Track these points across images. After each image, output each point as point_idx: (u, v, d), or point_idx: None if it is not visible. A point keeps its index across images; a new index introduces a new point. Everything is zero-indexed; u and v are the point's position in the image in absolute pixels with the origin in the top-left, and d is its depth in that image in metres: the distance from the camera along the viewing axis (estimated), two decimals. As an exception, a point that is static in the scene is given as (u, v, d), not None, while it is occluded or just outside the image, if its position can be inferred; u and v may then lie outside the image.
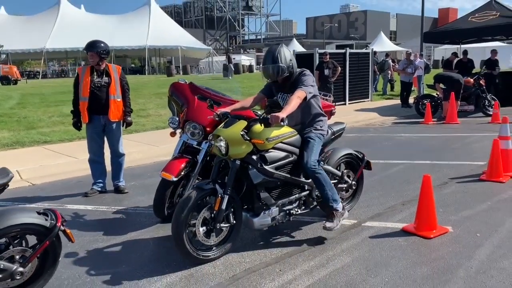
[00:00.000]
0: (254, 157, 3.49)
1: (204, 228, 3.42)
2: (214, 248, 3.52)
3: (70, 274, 3.34)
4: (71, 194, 5.58)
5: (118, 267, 3.48)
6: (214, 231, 3.45)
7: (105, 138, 5.55)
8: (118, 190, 5.60)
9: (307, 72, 3.73)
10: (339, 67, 13.20)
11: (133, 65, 50.25)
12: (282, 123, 3.31)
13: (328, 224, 3.72)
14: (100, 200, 5.31)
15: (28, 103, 13.82)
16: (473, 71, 13.18)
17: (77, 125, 5.48)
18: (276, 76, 3.68)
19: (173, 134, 4.75)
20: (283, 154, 3.65)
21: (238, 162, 3.46)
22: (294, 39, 56.22)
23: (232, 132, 3.43)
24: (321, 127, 3.85)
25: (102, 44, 5.33)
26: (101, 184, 5.61)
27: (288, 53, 3.68)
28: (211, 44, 70.52)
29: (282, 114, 3.31)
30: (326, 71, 12.68)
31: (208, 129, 4.32)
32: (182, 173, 4.27)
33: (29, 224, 2.85)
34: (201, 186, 3.44)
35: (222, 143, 3.46)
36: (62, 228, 2.96)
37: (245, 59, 47.41)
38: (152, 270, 3.40)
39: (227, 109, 3.78)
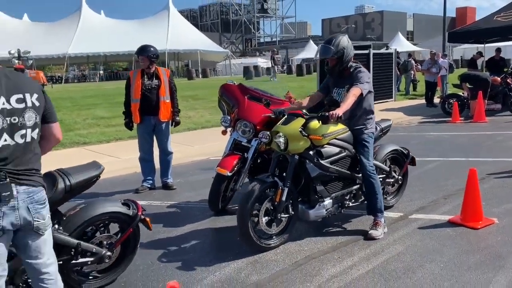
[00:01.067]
0: (311, 152, 3.74)
1: (266, 218, 3.68)
2: (274, 237, 3.77)
3: (143, 261, 3.62)
4: (122, 191, 5.89)
5: (185, 255, 3.76)
6: (275, 221, 3.71)
7: (155, 138, 5.85)
8: (166, 186, 5.89)
9: (363, 68, 3.96)
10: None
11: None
12: (338, 120, 3.55)
13: (374, 233, 3.91)
14: (152, 196, 5.60)
15: (61, 107, 14.29)
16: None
17: (128, 125, 5.79)
18: (322, 54, 3.93)
19: (224, 132, 5.02)
20: (337, 149, 3.89)
21: (296, 157, 3.71)
22: (311, 40, 56.37)
23: (291, 128, 3.68)
24: (370, 125, 4.06)
25: (152, 49, 5.65)
26: (151, 181, 5.91)
27: (344, 42, 3.89)
28: (227, 47, 71.01)
29: (339, 112, 3.54)
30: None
31: (258, 127, 4.57)
32: (235, 168, 4.54)
33: (116, 213, 3.14)
34: (263, 179, 3.69)
35: (281, 139, 3.71)
36: (142, 217, 3.25)
37: (262, 62, 47.67)
38: (217, 257, 3.66)
39: (284, 108, 4.04)
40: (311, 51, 49.92)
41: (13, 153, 2.16)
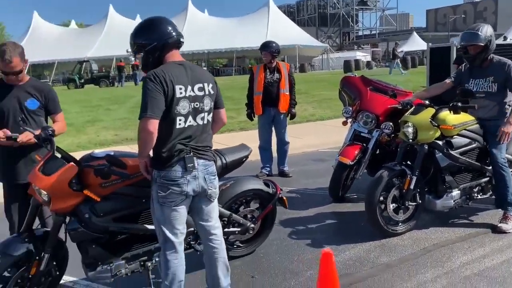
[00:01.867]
0: (440, 142, 3.79)
1: (394, 205, 3.82)
2: (400, 223, 3.90)
3: (275, 237, 3.98)
4: (244, 176, 6.37)
5: (313, 234, 4.06)
6: (402, 208, 3.84)
7: (273, 128, 6.24)
8: (283, 174, 6.26)
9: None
10: (480, 60, 12.52)
11: (250, 65, 52.61)
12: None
13: (503, 226, 3.84)
14: (271, 182, 5.99)
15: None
16: None
17: (250, 116, 6.25)
18: (469, 40, 3.87)
19: (345, 123, 5.20)
20: (467, 140, 3.89)
21: (426, 146, 3.79)
22: (415, 32, 53.58)
23: (421, 118, 3.77)
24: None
25: (274, 44, 6.03)
26: (268, 168, 6.32)
27: (490, 30, 3.89)
28: (324, 41, 70.38)
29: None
30: (466, 65, 12.14)
31: (381, 118, 4.69)
32: (357, 158, 4.71)
33: (259, 190, 3.53)
34: (392, 167, 3.84)
35: (410, 129, 3.81)
36: (280, 195, 3.60)
37: (361, 55, 46.54)
38: (344, 238, 3.89)
39: (410, 98, 4.13)
40: (414, 43, 47.54)
41: (195, 133, 2.61)
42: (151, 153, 2.61)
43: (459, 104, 3.64)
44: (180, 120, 2.54)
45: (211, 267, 2.83)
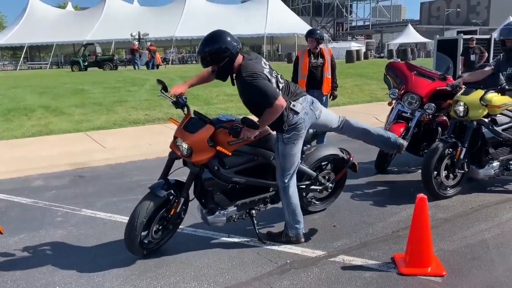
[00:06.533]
0: (486, 120, 4.43)
1: (445, 172, 4.47)
2: (449, 188, 4.56)
3: (340, 199, 4.56)
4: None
5: (372, 197, 4.71)
6: (451, 175, 4.49)
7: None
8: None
9: None
10: (486, 53, 13.23)
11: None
12: None
13: None
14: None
15: (192, 84, 16.02)
16: None
17: (295, 97, 6.82)
18: (507, 35, 4.69)
19: (390, 104, 5.82)
20: (508, 119, 4.55)
21: (474, 123, 4.43)
22: (410, 25, 54.32)
23: (472, 98, 4.40)
24: None
25: (318, 31, 6.59)
26: (309, 146, 6.91)
27: None
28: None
29: None
30: (473, 57, 12.84)
31: (424, 100, 5.31)
32: (403, 134, 5.34)
33: (336, 155, 4.13)
34: (446, 140, 4.48)
35: (461, 108, 4.44)
36: (352, 161, 4.21)
37: (356, 46, 47.19)
38: (400, 200, 4.55)
39: (459, 81, 4.77)
40: (409, 36, 48.30)
41: (286, 91, 3.32)
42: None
43: (506, 87, 4.28)
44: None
45: None
